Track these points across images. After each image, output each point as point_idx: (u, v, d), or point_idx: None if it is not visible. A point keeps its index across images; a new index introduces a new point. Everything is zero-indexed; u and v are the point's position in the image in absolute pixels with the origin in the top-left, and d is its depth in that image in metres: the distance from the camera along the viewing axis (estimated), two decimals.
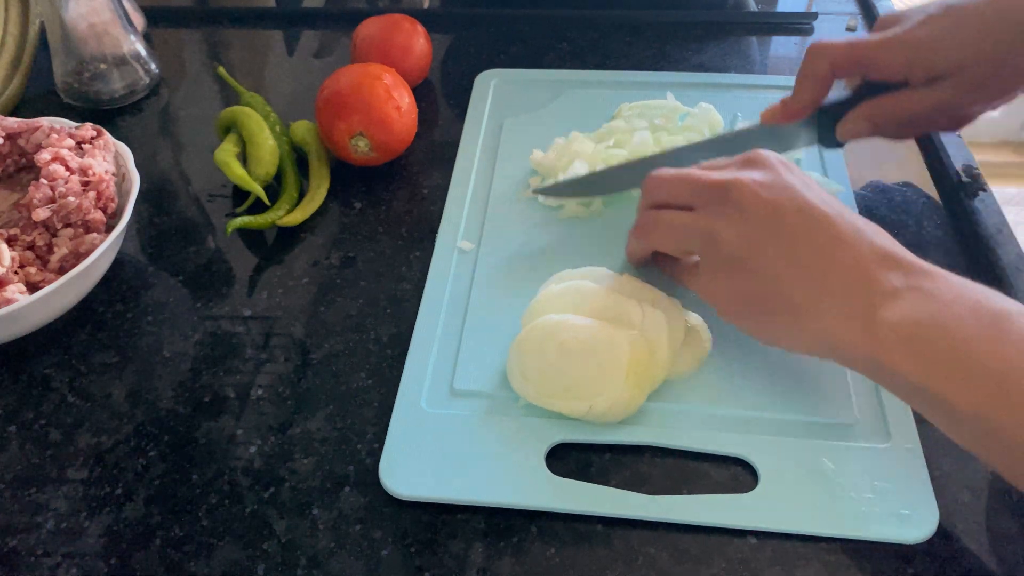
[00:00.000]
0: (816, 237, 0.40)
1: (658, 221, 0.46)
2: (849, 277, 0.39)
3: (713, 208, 0.43)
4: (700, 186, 0.44)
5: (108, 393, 0.49)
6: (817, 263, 0.40)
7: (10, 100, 0.69)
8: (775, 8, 0.82)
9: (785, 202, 0.41)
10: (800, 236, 0.40)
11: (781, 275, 0.40)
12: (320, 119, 0.61)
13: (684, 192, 0.44)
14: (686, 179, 0.45)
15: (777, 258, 0.40)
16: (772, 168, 0.43)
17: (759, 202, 0.41)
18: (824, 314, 0.39)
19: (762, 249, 0.41)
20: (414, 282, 0.55)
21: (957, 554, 0.40)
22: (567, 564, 0.40)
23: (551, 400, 0.44)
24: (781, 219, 0.41)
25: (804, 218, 0.40)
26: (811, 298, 0.40)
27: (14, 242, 0.50)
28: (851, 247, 0.39)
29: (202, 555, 0.41)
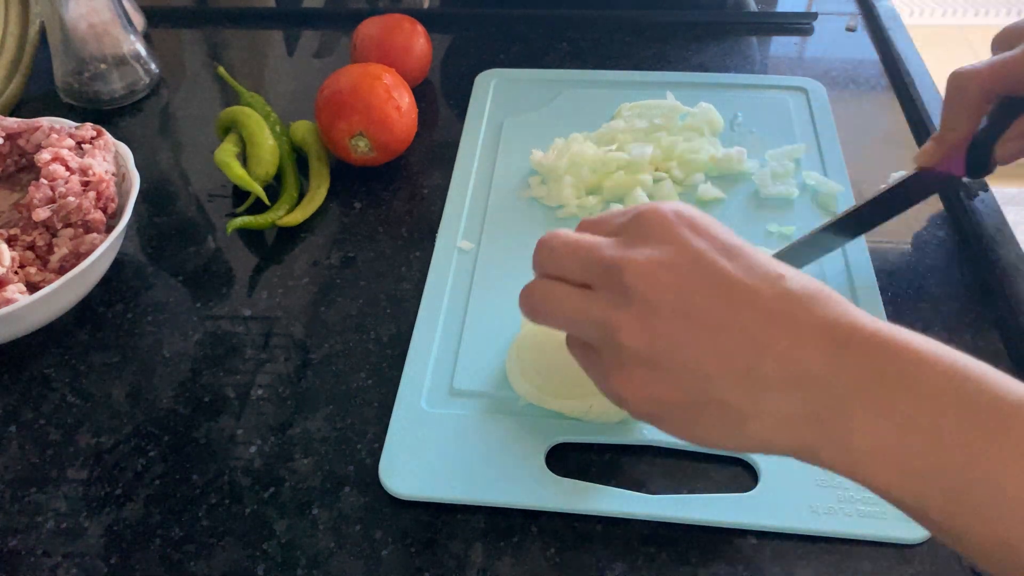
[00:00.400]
0: (742, 318, 0.32)
1: (547, 296, 0.37)
2: (794, 365, 0.31)
3: (607, 293, 0.34)
4: (592, 261, 0.35)
5: (108, 393, 0.49)
6: (747, 352, 0.32)
7: (10, 100, 0.69)
8: (775, 8, 0.82)
9: (695, 281, 0.33)
10: (721, 320, 0.32)
11: (703, 371, 0.32)
12: (320, 119, 0.61)
13: (574, 267, 0.36)
14: (579, 248, 0.36)
15: (696, 352, 0.32)
16: (672, 233, 0.34)
17: (663, 287, 0.33)
18: (768, 416, 0.32)
19: (676, 344, 0.33)
20: (414, 282, 0.55)
21: (957, 554, 0.40)
22: (567, 564, 0.40)
23: (551, 400, 0.44)
24: (692, 304, 0.32)
25: (724, 296, 0.32)
26: (747, 397, 0.32)
27: (14, 242, 0.50)
28: (792, 325, 0.32)
29: (202, 555, 0.41)
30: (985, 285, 0.53)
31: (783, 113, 0.65)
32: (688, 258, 0.33)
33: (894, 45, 0.73)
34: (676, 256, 0.33)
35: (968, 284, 0.53)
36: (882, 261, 0.54)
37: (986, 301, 0.52)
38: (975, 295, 0.52)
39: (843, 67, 0.73)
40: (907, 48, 0.73)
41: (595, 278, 0.35)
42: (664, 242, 0.34)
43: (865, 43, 0.76)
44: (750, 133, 0.63)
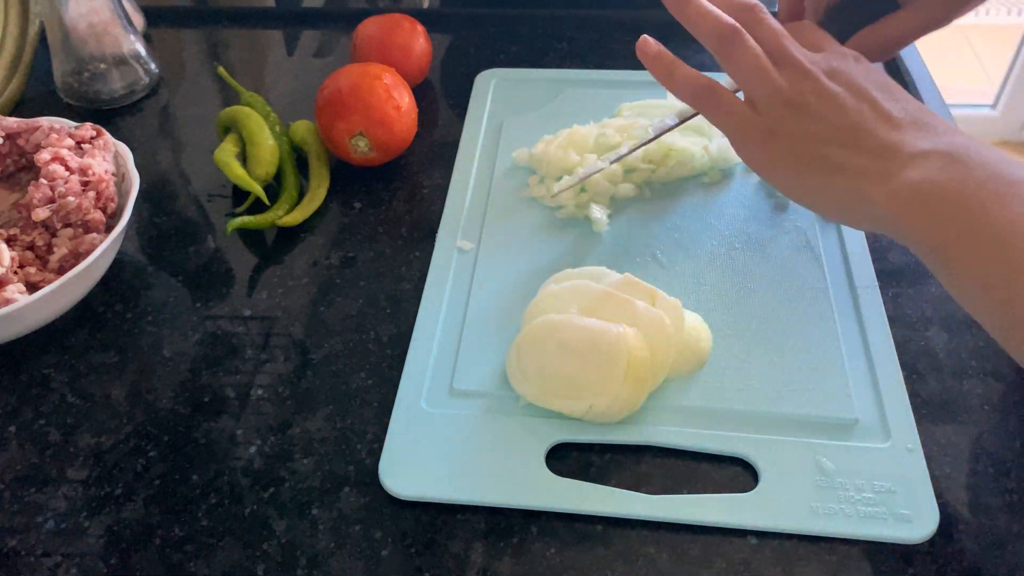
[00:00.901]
0: (863, 122, 0.42)
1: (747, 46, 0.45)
2: (880, 138, 0.41)
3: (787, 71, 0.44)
4: (783, 54, 0.45)
5: (108, 393, 0.49)
6: (858, 134, 0.42)
7: (10, 100, 0.69)
8: (774, 8, 0.82)
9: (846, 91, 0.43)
10: (850, 122, 0.42)
11: (823, 138, 0.42)
12: (320, 119, 0.61)
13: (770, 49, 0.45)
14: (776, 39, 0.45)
15: (825, 128, 0.42)
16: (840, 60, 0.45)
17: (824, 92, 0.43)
18: (855, 172, 0.41)
19: (817, 124, 0.43)
20: (414, 282, 0.55)
21: (957, 554, 0.40)
22: (567, 564, 0.40)
23: (551, 400, 0.44)
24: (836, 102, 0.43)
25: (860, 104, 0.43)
26: (846, 156, 0.42)
27: (14, 242, 0.50)
28: (886, 111, 0.42)
29: (202, 555, 0.41)
30: None
31: None
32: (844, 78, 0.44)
33: None
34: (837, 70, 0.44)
35: None
36: (883, 261, 0.54)
37: None
38: None
39: None
40: (907, 48, 0.73)
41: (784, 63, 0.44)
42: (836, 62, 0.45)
43: None
44: None
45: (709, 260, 0.54)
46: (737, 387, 0.46)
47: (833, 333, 0.49)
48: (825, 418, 0.45)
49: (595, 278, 0.48)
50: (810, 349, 0.48)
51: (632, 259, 0.54)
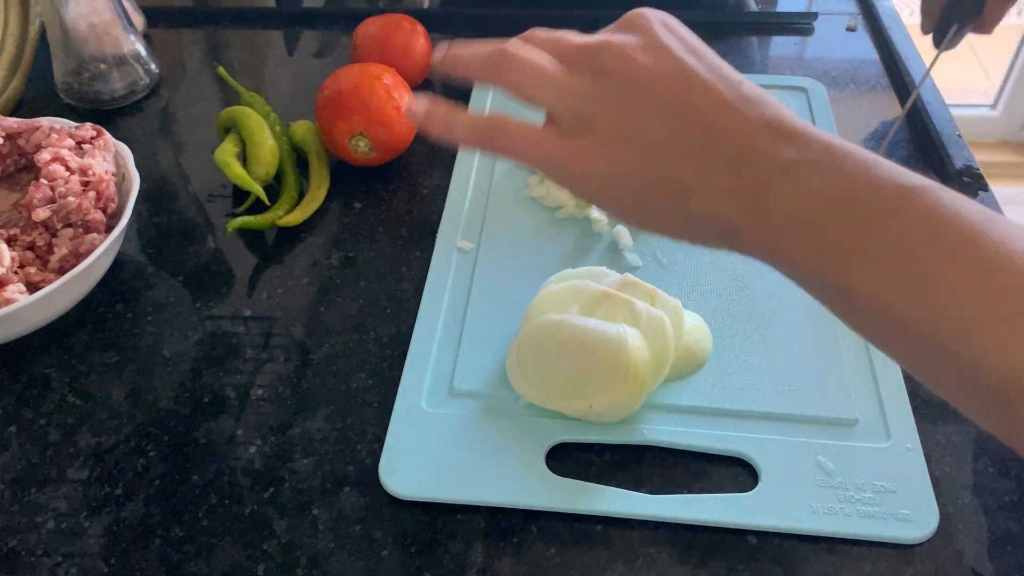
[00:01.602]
0: (696, 103, 0.35)
1: (525, 61, 0.39)
2: (734, 148, 0.34)
3: (586, 71, 0.37)
4: (568, 48, 0.38)
5: (108, 393, 0.49)
6: (698, 132, 0.35)
7: (10, 100, 0.69)
8: (775, 8, 0.82)
9: (661, 65, 0.36)
10: (678, 102, 0.35)
11: (660, 144, 0.35)
12: (320, 119, 0.61)
13: (555, 50, 0.39)
14: (556, 40, 0.39)
15: (654, 124, 0.35)
16: (650, 30, 0.37)
17: (631, 64, 0.36)
18: (709, 191, 0.34)
19: (643, 118, 0.36)
20: (414, 282, 0.55)
21: (957, 554, 0.40)
22: (567, 564, 0.40)
23: (551, 400, 0.44)
24: (655, 82, 0.36)
25: (682, 82, 0.35)
26: (693, 172, 0.35)
27: (14, 242, 0.50)
28: (736, 114, 0.35)
29: (202, 555, 0.41)
30: None
31: None
32: (659, 48, 0.37)
33: (894, 45, 0.73)
34: (649, 44, 0.37)
35: None
36: None
37: None
38: None
39: (843, 67, 0.73)
40: (907, 48, 0.73)
41: (574, 62, 0.38)
42: (643, 35, 0.37)
43: (865, 43, 0.76)
44: None
45: (709, 260, 0.54)
46: (737, 387, 0.46)
47: (833, 333, 0.49)
48: (825, 418, 0.45)
49: (595, 278, 0.48)
50: (810, 349, 0.48)
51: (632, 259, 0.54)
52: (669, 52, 0.36)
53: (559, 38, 0.40)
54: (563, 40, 0.39)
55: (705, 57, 0.37)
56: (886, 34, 0.75)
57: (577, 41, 0.39)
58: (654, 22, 0.38)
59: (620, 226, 0.56)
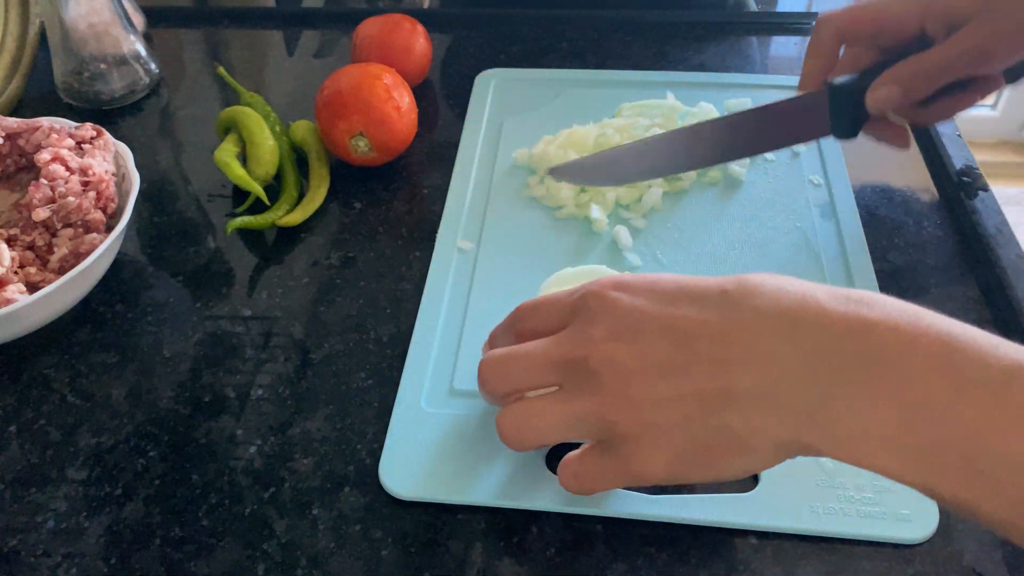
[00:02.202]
0: (697, 350, 0.33)
1: (527, 420, 0.37)
2: (764, 373, 0.32)
3: (582, 387, 0.36)
4: (549, 367, 0.37)
5: (108, 393, 0.49)
6: (716, 377, 0.33)
7: (10, 100, 0.69)
8: (775, 8, 0.82)
9: (647, 339, 0.34)
10: (681, 360, 0.34)
11: (691, 412, 0.33)
12: (320, 119, 0.61)
13: (533, 374, 0.37)
14: (527, 361, 0.37)
15: (677, 399, 0.34)
16: (613, 305, 0.36)
17: (622, 357, 0.34)
18: (768, 428, 0.32)
19: (660, 400, 0.34)
20: (414, 282, 0.55)
21: (957, 554, 0.40)
22: (567, 564, 0.40)
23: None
24: (654, 359, 0.34)
25: (676, 340, 0.34)
26: (737, 415, 0.33)
27: (14, 242, 0.50)
28: (743, 333, 0.33)
29: (202, 555, 0.41)
30: (985, 285, 0.53)
31: None
32: (634, 321, 0.35)
33: None
34: (623, 325, 0.35)
35: (968, 284, 0.53)
36: (882, 262, 0.54)
37: (986, 301, 0.52)
38: (975, 295, 0.52)
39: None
40: None
41: (559, 377, 0.36)
42: (609, 318, 0.35)
43: None
44: None
45: (709, 260, 0.54)
46: None
47: None
48: None
49: (594, 277, 0.48)
50: None
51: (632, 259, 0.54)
52: (640, 317, 0.35)
53: (530, 359, 0.37)
54: (538, 360, 0.37)
55: (675, 294, 0.35)
56: None
57: (555, 357, 0.36)
58: (611, 294, 0.36)
59: (620, 226, 0.56)
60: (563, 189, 0.58)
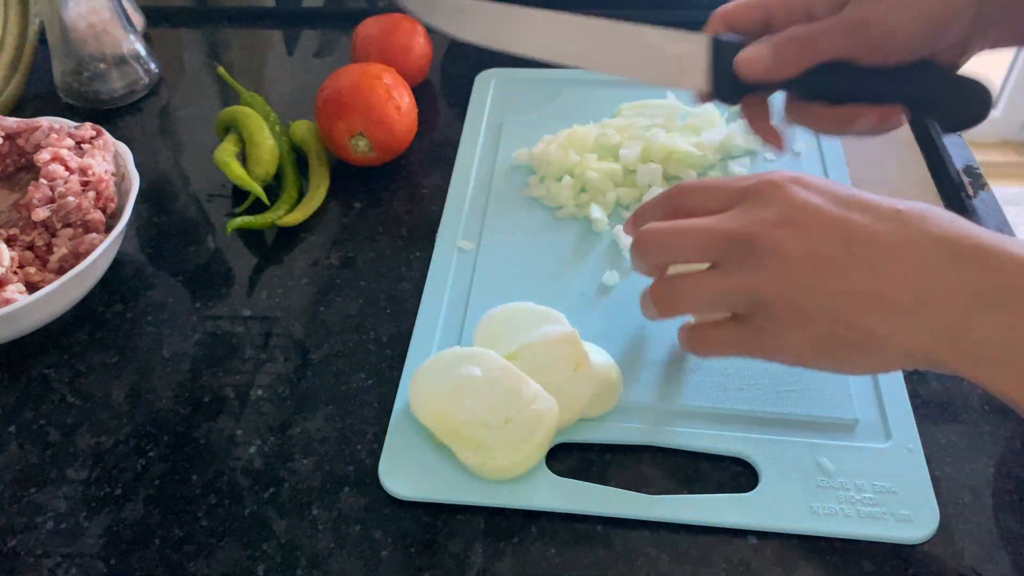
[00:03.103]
0: (865, 255, 0.36)
1: (680, 291, 0.40)
2: (918, 286, 0.35)
3: (742, 264, 0.38)
4: (714, 242, 0.38)
5: (108, 393, 0.49)
6: (875, 282, 0.35)
7: (10, 100, 0.69)
8: None
9: (818, 231, 0.36)
10: (847, 261, 0.36)
11: (841, 308, 0.36)
12: (320, 119, 0.61)
13: (691, 250, 0.40)
14: (687, 234, 0.39)
15: (832, 293, 0.36)
16: (789, 195, 0.38)
17: (792, 243, 0.36)
18: (903, 336, 0.35)
19: (815, 291, 0.36)
20: (414, 282, 0.55)
21: (957, 554, 0.40)
22: (567, 564, 0.40)
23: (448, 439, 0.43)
24: (820, 252, 0.36)
25: (845, 239, 0.36)
26: (883, 322, 0.35)
27: (14, 242, 0.50)
28: (910, 249, 0.35)
29: (202, 555, 0.41)
30: None
31: None
32: (807, 213, 0.37)
33: None
34: (795, 213, 0.37)
35: None
36: None
37: None
38: None
39: None
40: None
41: (722, 255, 0.38)
42: (783, 204, 0.37)
43: None
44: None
45: None
46: (737, 387, 0.46)
47: None
48: (825, 418, 0.45)
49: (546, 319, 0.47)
50: None
51: None
52: (817, 213, 0.37)
53: (690, 232, 0.39)
54: (701, 231, 0.39)
55: (854, 201, 0.37)
56: None
57: (718, 233, 0.38)
58: (789, 186, 0.38)
59: (620, 226, 0.56)
60: (563, 189, 0.57)
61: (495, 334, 0.47)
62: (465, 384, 0.43)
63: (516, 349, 0.45)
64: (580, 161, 0.59)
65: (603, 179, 0.58)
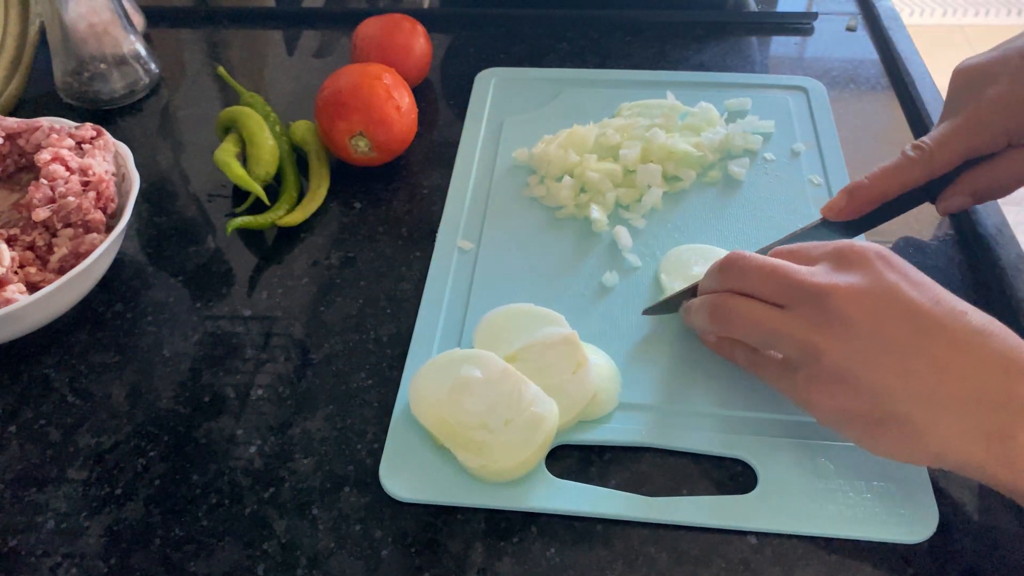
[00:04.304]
0: (929, 345, 0.36)
1: (739, 311, 0.41)
2: (971, 389, 0.35)
3: (809, 314, 0.38)
4: (792, 285, 0.39)
5: (108, 393, 0.49)
6: (931, 375, 0.36)
7: (10, 100, 0.69)
8: (775, 8, 0.82)
9: (890, 309, 0.37)
10: (910, 346, 0.36)
11: (890, 389, 0.36)
12: (320, 119, 0.61)
13: (772, 287, 0.40)
14: (776, 272, 0.40)
15: (886, 372, 0.36)
16: (871, 268, 0.38)
17: (862, 312, 0.37)
18: (943, 433, 0.36)
19: (869, 364, 0.37)
20: (414, 282, 0.55)
21: (957, 554, 0.40)
22: (567, 564, 0.40)
23: (446, 441, 0.43)
24: (887, 329, 0.37)
25: (914, 326, 0.37)
26: (927, 414, 0.36)
27: (14, 242, 0.50)
28: (971, 354, 0.36)
29: (202, 555, 0.41)
30: (985, 285, 0.53)
31: (783, 113, 0.65)
32: (884, 288, 0.37)
33: (894, 45, 0.73)
34: (874, 286, 0.38)
35: (968, 284, 0.53)
36: None
37: (986, 301, 0.52)
38: (975, 295, 0.52)
39: (843, 67, 0.73)
40: (907, 48, 0.73)
41: (793, 299, 0.39)
42: (864, 273, 0.38)
43: (865, 43, 0.76)
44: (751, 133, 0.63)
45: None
46: (737, 387, 0.46)
47: None
48: None
49: (546, 320, 0.47)
50: None
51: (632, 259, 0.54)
52: (894, 292, 0.37)
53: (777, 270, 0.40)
54: (782, 274, 0.40)
55: (929, 291, 0.38)
56: (886, 34, 0.75)
57: (799, 278, 0.39)
58: (873, 258, 0.39)
59: (620, 226, 0.56)
60: (563, 189, 0.58)
61: (495, 335, 0.47)
62: (465, 386, 0.43)
63: (516, 351, 0.45)
64: (580, 161, 0.59)
65: (603, 179, 0.58)
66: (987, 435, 0.35)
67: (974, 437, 0.35)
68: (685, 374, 0.47)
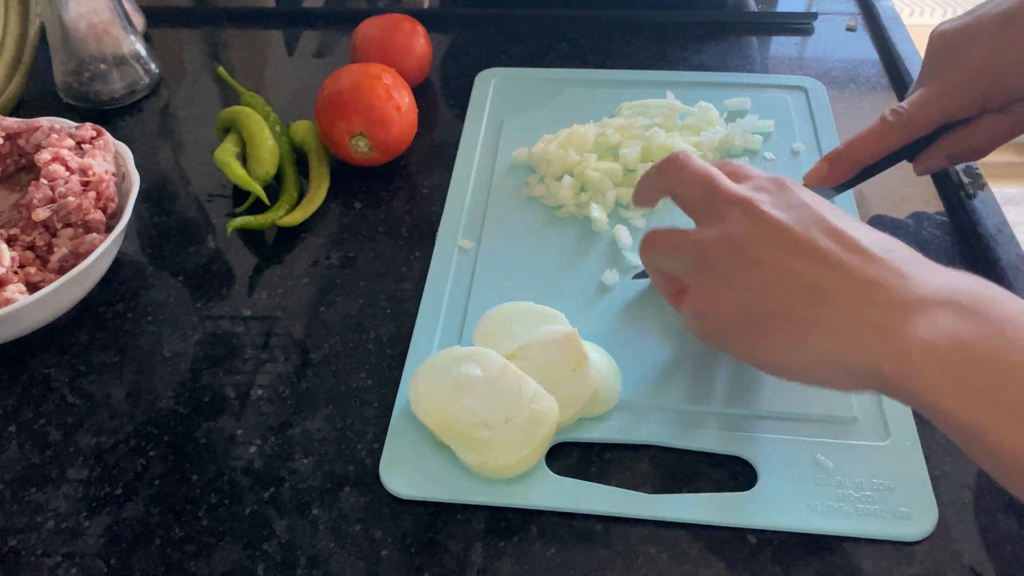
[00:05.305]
0: (822, 245, 0.35)
1: (657, 241, 0.42)
2: (862, 285, 0.34)
3: (712, 218, 0.39)
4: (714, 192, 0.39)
5: (108, 393, 0.49)
6: (814, 270, 0.35)
7: (10, 100, 0.69)
8: (775, 8, 0.82)
9: (794, 217, 0.37)
10: (803, 246, 0.36)
11: (775, 284, 0.35)
12: (320, 119, 0.61)
13: (698, 193, 0.40)
14: (707, 179, 0.40)
15: (772, 265, 0.36)
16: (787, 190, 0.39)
17: (764, 216, 0.37)
18: (831, 329, 0.34)
19: (754, 254, 0.36)
20: (414, 282, 0.55)
21: (956, 553, 0.40)
22: (567, 564, 0.40)
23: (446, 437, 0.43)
24: (783, 230, 0.36)
25: (804, 228, 0.36)
26: (808, 307, 0.34)
27: (14, 242, 0.50)
28: (866, 254, 0.35)
29: (202, 555, 0.41)
30: None
31: (783, 112, 0.65)
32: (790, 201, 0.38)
33: (894, 45, 0.73)
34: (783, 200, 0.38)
35: None
36: None
37: None
38: None
39: (843, 67, 0.73)
40: (907, 48, 0.73)
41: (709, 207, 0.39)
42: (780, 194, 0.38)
43: (865, 43, 0.76)
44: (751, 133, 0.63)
45: None
46: (736, 386, 0.46)
47: None
48: (824, 416, 0.45)
49: (546, 318, 0.47)
50: None
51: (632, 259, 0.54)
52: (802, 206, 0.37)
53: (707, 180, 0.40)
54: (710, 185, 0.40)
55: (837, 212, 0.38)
56: (886, 34, 0.75)
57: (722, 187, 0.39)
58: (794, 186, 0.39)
59: (620, 225, 0.56)
60: (563, 188, 0.58)
61: (495, 333, 0.47)
62: (465, 383, 0.43)
63: (516, 348, 0.45)
64: (580, 161, 0.59)
65: (603, 179, 0.58)
66: (877, 328, 0.33)
67: (862, 329, 0.33)
68: (685, 372, 0.47)
